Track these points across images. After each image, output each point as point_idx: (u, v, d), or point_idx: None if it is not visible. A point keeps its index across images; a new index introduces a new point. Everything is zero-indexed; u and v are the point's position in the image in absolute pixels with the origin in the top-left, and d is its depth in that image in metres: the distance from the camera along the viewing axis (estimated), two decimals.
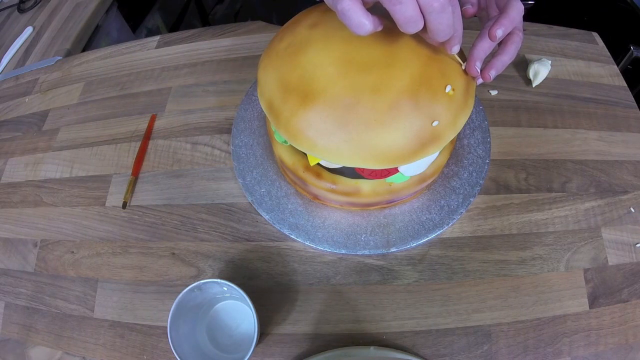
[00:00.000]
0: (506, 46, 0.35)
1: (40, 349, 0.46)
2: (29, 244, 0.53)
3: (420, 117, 0.33)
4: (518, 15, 0.34)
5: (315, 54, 0.35)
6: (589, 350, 0.41)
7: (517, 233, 0.47)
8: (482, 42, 0.35)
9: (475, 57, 0.35)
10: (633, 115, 0.55)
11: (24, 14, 0.87)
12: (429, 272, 0.45)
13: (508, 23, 0.34)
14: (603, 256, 0.45)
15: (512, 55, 0.36)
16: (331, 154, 0.34)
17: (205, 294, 0.42)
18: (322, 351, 0.41)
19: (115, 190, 0.54)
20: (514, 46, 0.35)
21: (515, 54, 0.36)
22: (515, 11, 0.34)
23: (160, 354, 0.44)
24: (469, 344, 0.42)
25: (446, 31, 0.29)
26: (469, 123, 0.52)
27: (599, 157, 0.51)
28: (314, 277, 0.46)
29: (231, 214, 0.50)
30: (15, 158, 0.61)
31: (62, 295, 0.49)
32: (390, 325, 0.43)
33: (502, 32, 0.34)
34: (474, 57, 0.35)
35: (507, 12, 0.34)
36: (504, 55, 0.35)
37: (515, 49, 0.35)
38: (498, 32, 0.33)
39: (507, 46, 0.35)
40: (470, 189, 0.47)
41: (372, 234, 0.46)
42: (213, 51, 0.65)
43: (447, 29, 0.28)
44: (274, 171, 0.51)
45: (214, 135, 0.56)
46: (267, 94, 0.37)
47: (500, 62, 0.36)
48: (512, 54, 0.35)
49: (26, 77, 0.72)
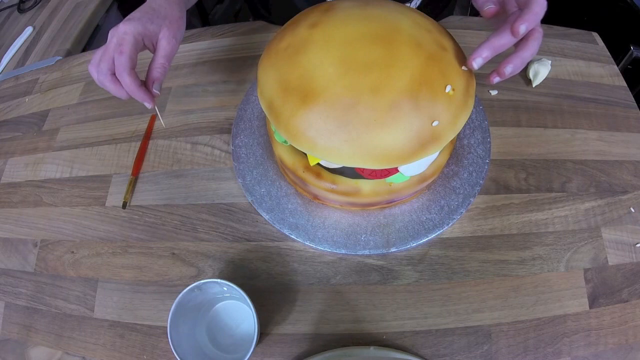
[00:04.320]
0: (528, 42, 0.34)
1: (40, 349, 0.46)
2: (29, 244, 0.53)
3: (420, 117, 0.33)
4: (542, 11, 0.33)
5: (315, 54, 0.35)
6: (589, 350, 0.41)
7: (517, 233, 0.47)
8: (498, 39, 0.33)
9: (481, 52, 0.34)
10: (633, 115, 0.55)
11: (24, 14, 0.87)
12: (429, 272, 0.45)
13: (532, 19, 0.32)
14: (603, 256, 0.45)
15: (534, 52, 0.34)
16: (331, 154, 0.34)
17: (205, 294, 0.42)
18: (322, 351, 0.41)
19: (115, 190, 0.54)
20: (536, 42, 0.34)
21: (536, 51, 0.34)
22: (539, 7, 0.33)
23: (160, 354, 0.44)
24: (469, 344, 0.42)
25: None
26: (469, 123, 0.52)
27: (599, 157, 0.51)
28: (314, 277, 0.46)
29: (231, 214, 0.50)
30: (15, 158, 0.61)
31: (62, 295, 0.49)
32: (390, 325, 0.43)
33: (526, 28, 0.32)
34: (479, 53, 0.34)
35: (531, 7, 0.32)
36: (525, 52, 0.34)
37: (537, 45, 0.34)
38: (522, 27, 0.32)
39: (528, 42, 0.34)
40: (470, 189, 0.47)
41: (372, 234, 0.46)
42: (213, 51, 0.65)
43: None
44: (274, 171, 0.51)
45: (214, 135, 0.56)
46: (267, 94, 0.37)
47: (520, 58, 0.34)
48: (533, 51, 0.34)
49: (26, 77, 0.72)
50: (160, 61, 0.42)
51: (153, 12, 0.42)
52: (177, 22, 0.44)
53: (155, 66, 0.42)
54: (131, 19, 0.40)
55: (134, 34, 0.40)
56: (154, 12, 0.42)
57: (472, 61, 0.35)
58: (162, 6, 0.43)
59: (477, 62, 0.34)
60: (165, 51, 0.42)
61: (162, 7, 0.43)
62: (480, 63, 0.35)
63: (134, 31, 0.40)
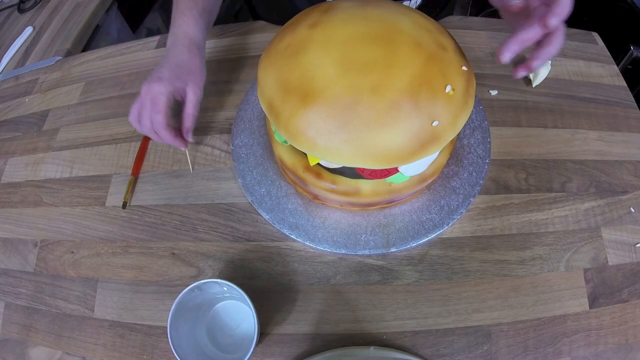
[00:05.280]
0: (553, 37, 0.35)
1: (40, 349, 0.46)
2: (29, 244, 0.53)
3: (420, 117, 0.33)
4: (569, 5, 0.34)
5: (315, 54, 0.35)
6: (589, 350, 0.41)
7: (517, 233, 0.47)
8: (526, 33, 0.34)
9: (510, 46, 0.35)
10: (633, 115, 0.55)
11: (24, 14, 0.87)
12: (429, 272, 0.45)
13: (563, 12, 0.33)
14: (603, 256, 0.45)
15: (559, 47, 0.35)
16: (331, 154, 0.34)
17: (205, 294, 0.42)
18: (322, 351, 0.41)
19: (115, 190, 0.54)
20: (561, 38, 0.35)
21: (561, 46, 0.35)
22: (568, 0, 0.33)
23: (160, 354, 0.44)
24: (469, 344, 0.42)
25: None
26: (469, 123, 0.52)
27: (599, 157, 0.51)
28: (314, 277, 0.46)
29: (231, 214, 0.50)
30: (15, 158, 0.61)
31: (62, 295, 0.49)
32: (390, 325, 0.43)
33: (557, 22, 0.33)
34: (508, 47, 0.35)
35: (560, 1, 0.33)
36: (551, 47, 0.35)
37: (561, 41, 0.35)
38: (554, 21, 0.33)
39: (554, 37, 0.35)
40: (470, 189, 0.47)
41: (372, 234, 0.46)
42: (213, 51, 0.65)
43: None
44: (274, 171, 0.51)
45: (214, 135, 0.56)
46: (267, 94, 0.37)
47: (546, 53, 0.35)
48: (559, 46, 0.35)
49: (26, 77, 0.71)
50: (190, 112, 0.49)
51: (179, 68, 0.48)
52: (200, 72, 0.50)
53: (187, 117, 0.49)
54: (162, 79, 0.46)
55: (166, 95, 0.46)
56: (180, 69, 0.48)
57: (502, 55, 0.35)
58: (185, 61, 0.49)
59: (507, 56, 0.35)
60: (193, 102, 0.49)
61: (185, 62, 0.49)
62: (509, 57, 0.35)
63: (166, 92, 0.46)
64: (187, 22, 0.51)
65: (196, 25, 0.51)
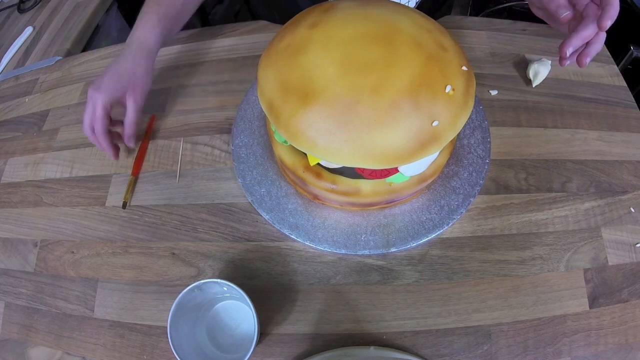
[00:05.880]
0: (599, 36, 0.40)
1: (40, 349, 0.46)
2: (29, 244, 0.53)
3: (420, 117, 0.33)
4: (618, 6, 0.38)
5: (315, 54, 0.35)
6: (589, 350, 0.41)
7: (517, 233, 0.47)
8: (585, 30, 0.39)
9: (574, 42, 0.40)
10: (633, 115, 0.55)
11: (24, 14, 0.87)
12: (429, 272, 0.45)
13: (615, 14, 0.37)
14: (603, 256, 0.45)
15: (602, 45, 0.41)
16: (331, 154, 0.34)
17: (205, 294, 0.42)
18: (322, 351, 0.41)
19: (115, 190, 0.54)
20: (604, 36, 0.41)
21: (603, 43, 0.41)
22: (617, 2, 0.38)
23: (160, 354, 0.44)
24: (469, 344, 0.42)
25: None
26: (469, 123, 0.52)
27: (599, 157, 0.51)
28: (314, 277, 0.46)
29: (231, 214, 0.50)
30: (15, 158, 0.61)
31: (62, 295, 0.49)
32: (390, 325, 0.43)
33: (611, 23, 0.38)
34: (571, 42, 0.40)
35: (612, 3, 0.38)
36: (597, 44, 0.41)
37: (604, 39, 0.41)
38: (608, 22, 0.38)
39: (599, 36, 0.40)
40: (470, 189, 0.47)
41: (372, 234, 0.46)
42: (213, 51, 0.65)
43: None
44: (274, 171, 0.51)
45: (214, 135, 0.56)
46: (267, 94, 0.37)
47: (595, 50, 0.41)
48: (602, 43, 0.41)
49: (26, 77, 0.72)
50: (130, 119, 0.51)
51: (118, 77, 0.50)
52: (142, 79, 0.51)
53: (127, 124, 0.51)
54: (100, 89, 0.48)
55: (102, 104, 0.48)
56: (119, 78, 0.50)
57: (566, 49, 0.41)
58: (127, 69, 0.50)
59: (570, 51, 0.40)
60: (133, 109, 0.51)
61: (126, 70, 0.50)
62: (571, 51, 0.40)
63: (102, 102, 0.48)
64: (143, 26, 0.52)
65: (152, 30, 0.52)
